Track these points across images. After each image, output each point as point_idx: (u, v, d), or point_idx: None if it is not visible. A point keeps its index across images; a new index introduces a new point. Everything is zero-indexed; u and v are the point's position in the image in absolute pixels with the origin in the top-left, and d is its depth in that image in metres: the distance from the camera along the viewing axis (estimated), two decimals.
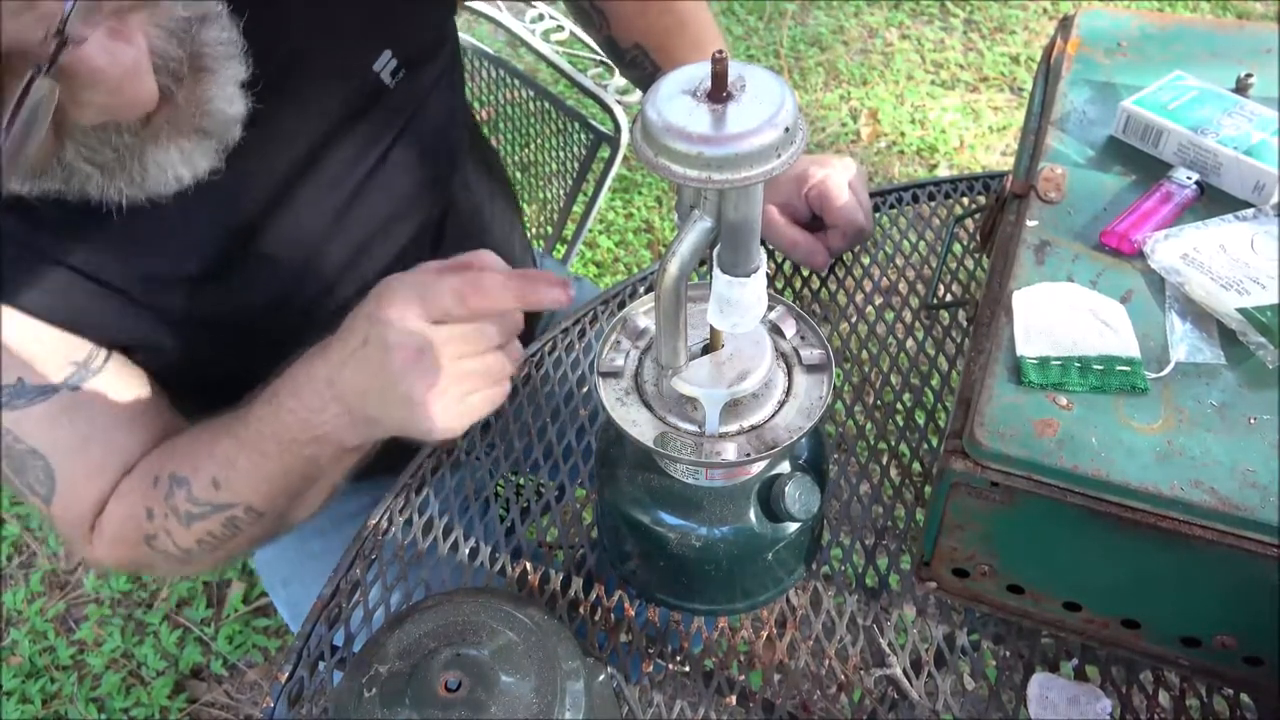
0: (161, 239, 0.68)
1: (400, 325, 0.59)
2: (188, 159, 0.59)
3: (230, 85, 0.60)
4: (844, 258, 0.97)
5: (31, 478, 0.68)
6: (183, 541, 0.70)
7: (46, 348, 0.66)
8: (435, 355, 0.59)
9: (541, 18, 1.50)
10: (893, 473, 0.77)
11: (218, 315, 0.73)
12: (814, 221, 0.89)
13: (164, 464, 0.70)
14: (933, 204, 1.01)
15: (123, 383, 0.71)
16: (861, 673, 0.66)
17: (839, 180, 0.86)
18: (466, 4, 0.98)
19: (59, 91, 0.48)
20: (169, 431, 0.73)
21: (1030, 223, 0.67)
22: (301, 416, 0.65)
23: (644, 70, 0.94)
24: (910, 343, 0.87)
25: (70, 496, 0.70)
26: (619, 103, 1.29)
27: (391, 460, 0.92)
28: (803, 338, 0.60)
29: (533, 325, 1.05)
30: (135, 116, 0.54)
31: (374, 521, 0.75)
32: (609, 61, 1.26)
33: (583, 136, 1.34)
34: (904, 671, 0.66)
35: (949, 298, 0.91)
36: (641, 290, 0.94)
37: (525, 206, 1.45)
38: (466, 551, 0.74)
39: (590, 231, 2.17)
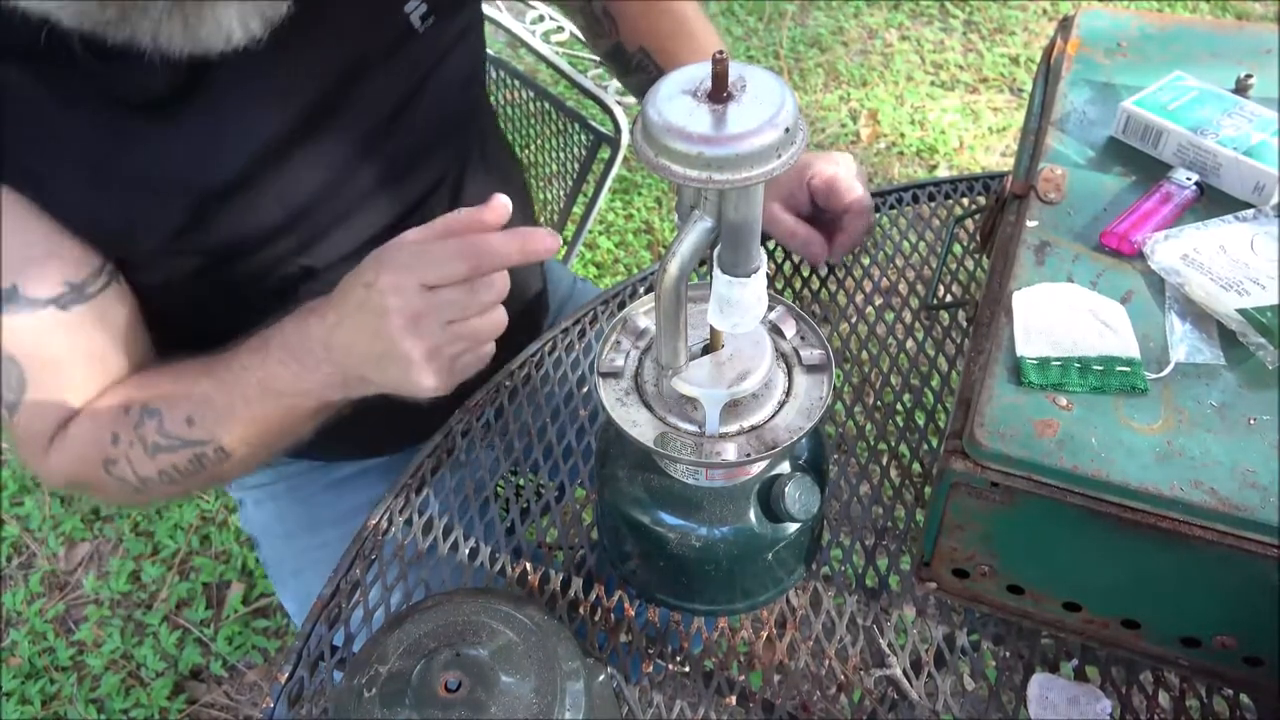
0: (190, 141, 0.69)
1: (397, 291, 0.61)
2: (243, 19, 0.60)
3: None
4: (844, 258, 0.97)
5: (3, 385, 0.69)
6: (143, 470, 0.71)
7: (46, 260, 0.67)
8: (431, 319, 0.62)
9: (542, 19, 1.50)
10: (893, 473, 0.77)
11: (227, 238, 0.73)
12: (814, 213, 0.89)
13: (137, 393, 0.71)
14: (933, 204, 1.01)
15: (112, 314, 0.72)
16: (861, 673, 0.66)
17: (849, 174, 0.87)
18: None
19: None
20: (145, 367, 0.75)
21: (1030, 223, 0.67)
22: (292, 370, 0.67)
23: (648, 74, 0.95)
24: (910, 343, 0.87)
25: (37, 409, 0.70)
26: (619, 103, 1.29)
27: (403, 438, 0.92)
28: (803, 338, 0.60)
29: (539, 321, 1.04)
30: None
31: (374, 521, 0.75)
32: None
33: (583, 137, 1.34)
34: (904, 672, 0.66)
35: (949, 298, 0.91)
36: (641, 290, 0.94)
37: None
38: (466, 551, 0.74)
39: (590, 232, 2.16)
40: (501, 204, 0.64)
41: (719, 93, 0.43)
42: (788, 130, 0.43)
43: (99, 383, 0.72)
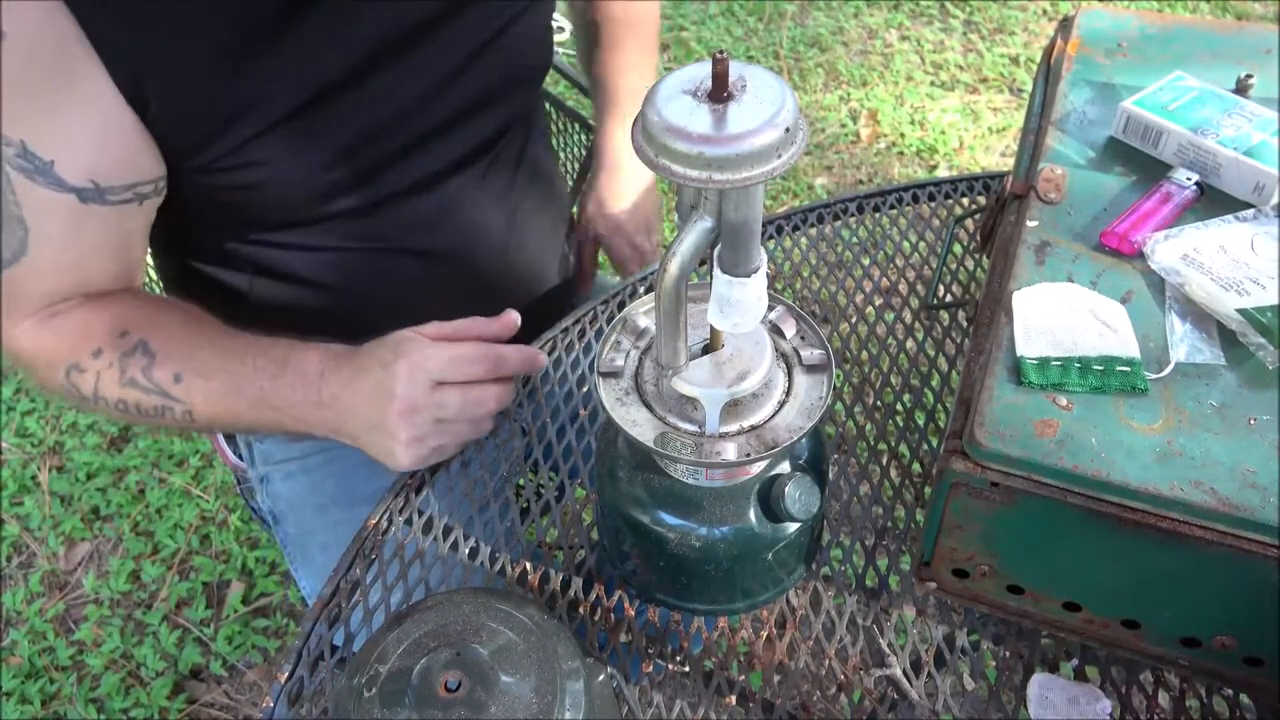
0: (304, 38, 0.73)
1: (409, 381, 0.70)
2: None
3: None
4: (844, 258, 0.97)
5: (4, 241, 0.71)
6: (105, 392, 0.74)
7: (90, 151, 0.70)
8: (426, 413, 0.71)
9: None
10: (893, 473, 0.77)
11: (307, 148, 0.78)
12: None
13: (143, 328, 0.75)
14: (933, 204, 1.01)
15: (123, 225, 0.75)
16: (861, 673, 0.66)
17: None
18: None
19: None
20: (132, 276, 0.80)
21: (1030, 223, 0.67)
22: (297, 398, 0.74)
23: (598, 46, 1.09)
24: (910, 343, 0.87)
25: (25, 276, 0.73)
26: None
27: None
28: (803, 338, 0.60)
29: (563, 307, 1.05)
30: None
31: (374, 521, 0.75)
32: None
33: (583, 137, 1.34)
34: (904, 672, 0.66)
35: (949, 298, 0.91)
36: (641, 290, 0.94)
37: None
38: (466, 551, 0.74)
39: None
40: (513, 321, 0.78)
41: (719, 93, 0.43)
42: (788, 130, 0.43)
43: (87, 275, 0.76)
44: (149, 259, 1.02)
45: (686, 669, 0.67)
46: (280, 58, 0.73)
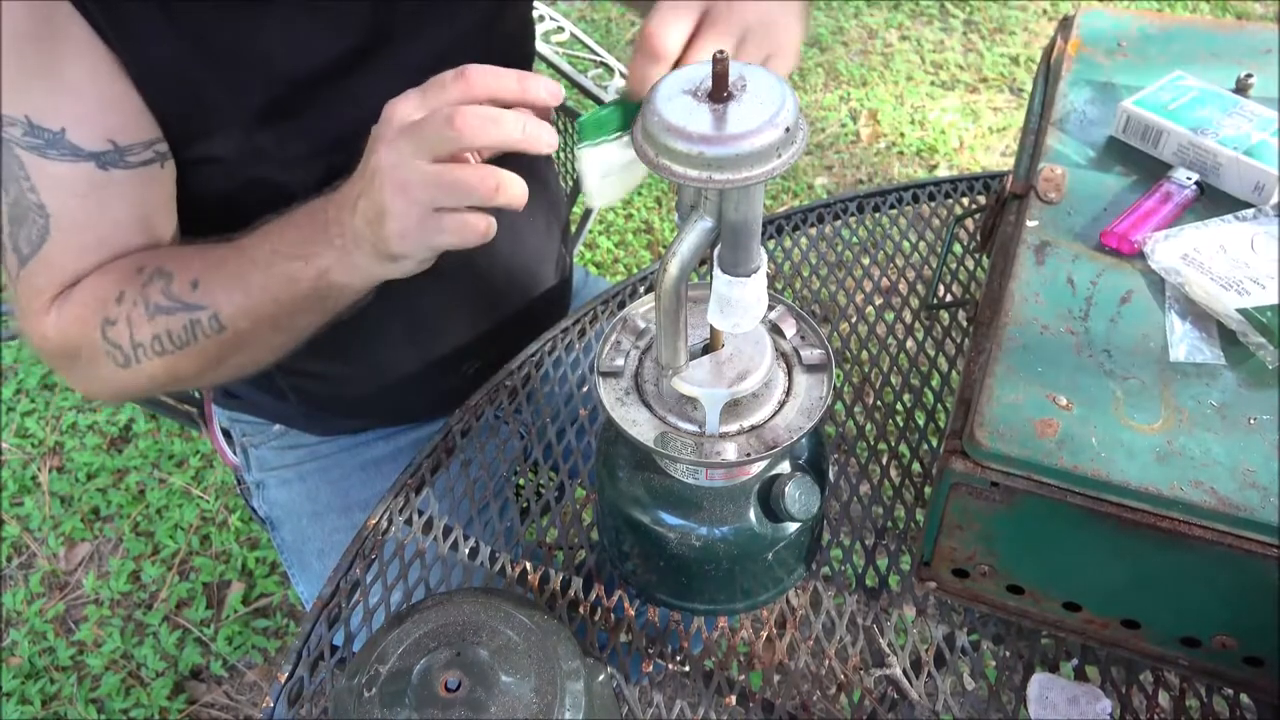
0: (282, 27, 0.71)
1: (388, 121, 0.59)
2: None
3: None
4: (844, 258, 0.97)
5: (24, 235, 0.69)
6: (139, 334, 0.69)
7: (101, 113, 0.67)
8: (419, 188, 0.58)
9: (542, 19, 1.50)
10: (893, 473, 0.77)
11: (285, 147, 0.75)
12: None
13: (156, 259, 0.71)
14: (933, 204, 1.01)
15: (149, 191, 0.72)
16: (861, 673, 0.66)
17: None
18: None
19: None
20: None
21: (1030, 223, 0.67)
22: (304, 231, 0.66)
23: None
24: (910, 343, 0.87)
25: (48, 265, 0.70)
26: None
27: (435, 406, 0.95)
28: (803, 338, 0.60)
29: (559, 312, 1.04)
30: None
31: (374, 521, 0.75)
32: (609, 63, 1.27)
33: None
34: (904, 671, 0.66)
35: (949, 298, 0.91)
36: (641, 290, 0.94)
37: None
38: (466, 551, 0.74)
39: (590, 232, 2.17)
40: (553, 91, 0.60)
41: (719, 93, 0.43)
42: (788, 130, 0.43)
43: (114, 252, 0.71)
44: None
45: (686, 669, 0.67)
46: (254, 54, 0.71)
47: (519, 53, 0.90)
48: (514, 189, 0.59)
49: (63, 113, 0.66)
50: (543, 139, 0.59)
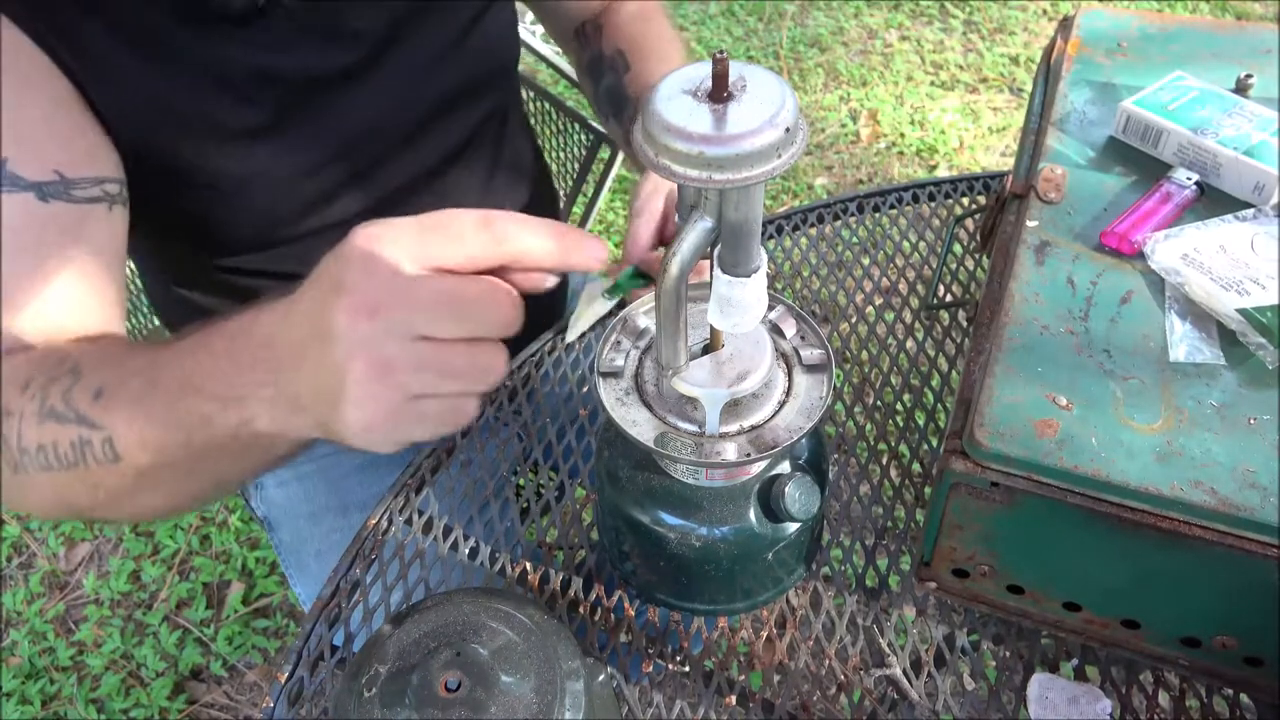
0: (262, 47, 0.69)
1: (362, 270, 0.43)
2: None
3: None
4: (844, 258, 0.97)
5: None
6: (26, 438, 0.57)
7: (46, 140, 0.62)
8: (395, 322, 0.43)
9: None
10: (893, 473, 0.77)
11: (277, 155, 0.74)
12: None
13: (79, 351, 0.60)
14: (933, 204, 1.01)
15: (96, 233, 0.64)
16: (861, 673, 0.66)
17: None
18: None
19: None
20: (109, 319, 0.65)
21: (1030, 223, 0.67)
22: (222, 365, 0.50)
23: (617, 72, 0.95)
24: (910, 343, 0.87)
25: None
26: None
27: None
28: (803, 338, 0.60)
29: (557, 310, 1.04)
30: None
31: (374, 521, 0.75)
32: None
33: (583, 137, 1.34)
34: (904, 672, 0.66)
35: (949, 298, 0.91)
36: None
37: None
38: (466, 551, 0.74)
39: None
40: (599, 256, 0.47)
41: (719, 92, 0.43)
42: (788, 130, 0.43)
43: (50, 309, 0.62)
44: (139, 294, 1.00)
45: (686, 669, 0.67)
46: (236, 72, 0.69)
47: (504, 56, 0.89)
48: (499, 372, 0.47)
49: (7, 145, 0.60)
50: (585, 263, 0.47)
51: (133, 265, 0.98)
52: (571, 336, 0.65)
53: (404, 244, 0.44)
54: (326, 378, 0.44)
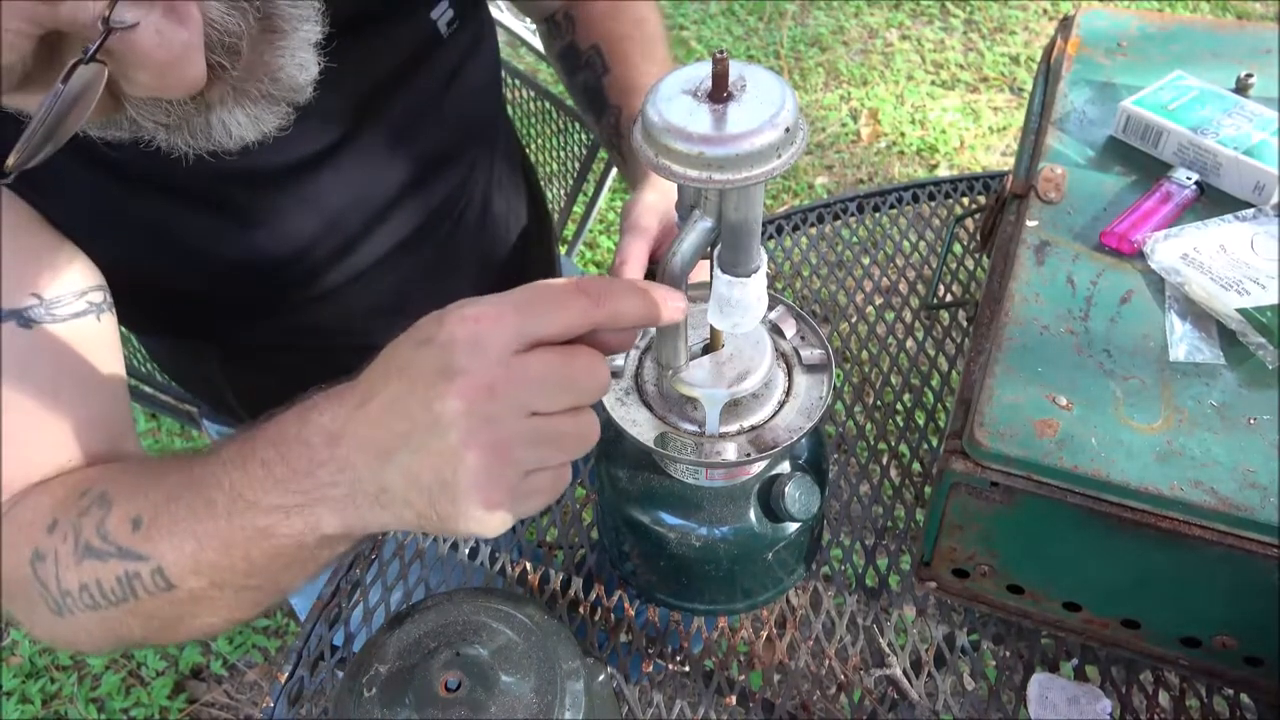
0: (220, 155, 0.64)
1: (469, 353, 0.42)
2: (254, 121, 0.53)
3: (303, 49, 0.52)
4: (844, 258, 0.97)
5: None
6: (66, 580, 0.54)
7: (21, 267, 0.58)
8: (511, 399, 0.43)
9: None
10: (893, 473, 0.77)
11: (254, 251, 0.70)
12: None
13: (102, 478, 0.57)
14: (933, 204, 1.01)
15: (85, 344, 0.61)
16: (861, 673, 0.66)
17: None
18: None
19: (110, 68, 0.44)
20: (115, 436, 0.62)
21: (1030, 223, 0.67)
22: (278, 473, 0.48)
23: (595, 71, 0.93)
24: (910, 343, 0.87)
25: None
26: None
27: None
28: (803, 338, 0.60)
29: None
30: (183, 96, 0.47)
31: None
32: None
33: (583, 137, 1.34)
34: (904, 671, 0.66)
35: (949, 298, 0.91)
36: None
37: None
38: (466, 551, 0.74)
39: (590, 232, 2.17)
40: (682, 307, 0.48)
41: (719, 92, 0.43)
42: (788, 130, 0.43)
43: (50, 437, 0.59)
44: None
45: (686, 669, 0.67)
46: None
47: (488, 99, 0.86)
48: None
49: None
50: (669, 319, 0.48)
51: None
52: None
53: (507, 322, 0.43)
54: (433, 466, 0.43)
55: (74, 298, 0.60)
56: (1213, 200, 0.68)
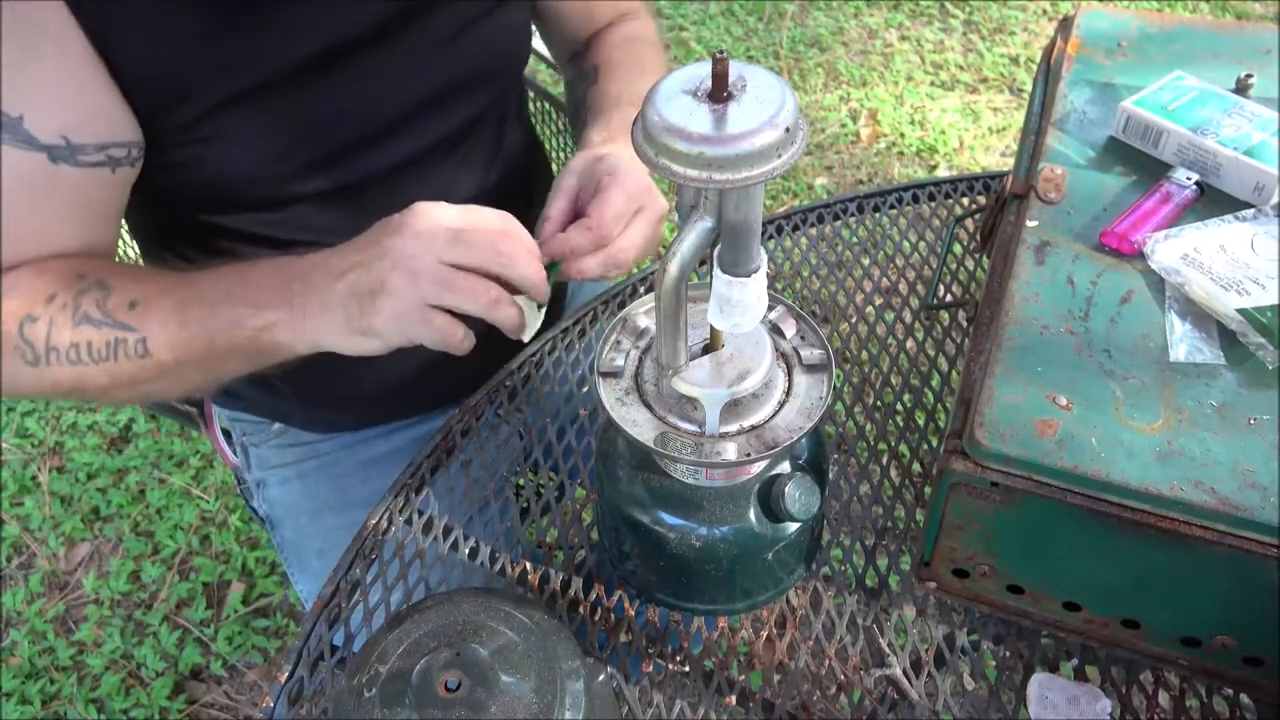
0: (272, 19, 0.72)
1: (421, 220, 0.62)
2: None
3: None
4: (844, 258, 0.97)
5: None
6: (58, 339, 0.68)
7: (61, 106, 0.67)
8: (428, 281, 0.61)
9: None
10: (893, 473, 0.77)
11: (278, 121, 0.76)
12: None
13: (99, 270, 0.71)
14: (933, 204, 1.01)
15: (97, 193, 0.71)
16: (861, 673, 0.66)
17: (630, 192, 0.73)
18: None
19: None
20: (104, 256, 0.75)
21: (1030, 223, 0.67)
22: (266, 280, 0.67)
23: (588, 84, 0.93)
24: (910, 343, 0.87)
25: None
26: None
27: (438, 397, 0.96)
28: (803, 338, 0.60)
29: (553, 309, 1.04)
30: None
31: (374, 521, 0.75)
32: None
33: None
34: (904, 671, 0.66)
35: (949, 298, 0.91)
36: (641, 290, 0.94)
37: None
38: (466, 551, 0.74)
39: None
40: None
41: (719, 93, 0.43)
42: (788, 130, 0.43)
43: (47, 249, 0.71)
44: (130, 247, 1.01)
45: (686, 669, 0.67)
46: (251, 32, 0.71)
47: (513, 50, 0.90)
48: (508, 314, 0.64)
49: (24, 101, 0.66)
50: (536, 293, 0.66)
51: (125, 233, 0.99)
52: (526, 338, 0.67)
53: (453, 211, 0.63)
54: (369, 279, 0.62)
55: (96, 150, 0.70)
56: (1213, 200, 0.68)
